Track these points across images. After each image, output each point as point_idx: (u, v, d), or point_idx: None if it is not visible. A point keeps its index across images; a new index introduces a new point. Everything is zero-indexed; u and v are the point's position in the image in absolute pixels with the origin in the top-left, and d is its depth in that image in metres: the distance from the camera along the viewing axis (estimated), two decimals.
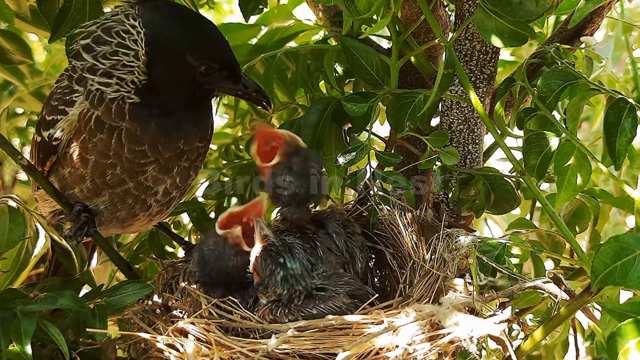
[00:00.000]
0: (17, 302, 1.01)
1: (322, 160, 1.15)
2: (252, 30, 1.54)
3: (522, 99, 1.15)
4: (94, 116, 1.07)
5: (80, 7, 1.19)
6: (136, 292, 1.09)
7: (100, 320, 1.06)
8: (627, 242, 0.85)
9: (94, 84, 1.07)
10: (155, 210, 1.18)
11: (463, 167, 1.22)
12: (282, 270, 1.02)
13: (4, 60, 1.36)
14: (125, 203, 1.14)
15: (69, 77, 1.10)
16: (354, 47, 1.22)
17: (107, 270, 1.62)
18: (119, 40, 1.04)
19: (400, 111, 1.18)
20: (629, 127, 1.00)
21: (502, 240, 1.09)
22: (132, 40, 1.04)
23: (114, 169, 1.09)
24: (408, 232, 1.13)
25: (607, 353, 0.86)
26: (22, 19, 1.34)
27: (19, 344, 0.97)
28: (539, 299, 1.19)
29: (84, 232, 1.14)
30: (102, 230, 1.19)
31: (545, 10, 1.05)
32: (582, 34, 1.20)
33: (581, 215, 1.27)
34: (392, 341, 0.93)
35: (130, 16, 1.05)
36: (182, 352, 0.97)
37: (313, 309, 1.01)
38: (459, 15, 1.18)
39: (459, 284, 1.02)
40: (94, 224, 1.14)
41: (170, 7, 1.08)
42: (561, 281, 0.99)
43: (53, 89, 1.14)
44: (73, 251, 1.27)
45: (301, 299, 1.02)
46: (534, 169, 1.06)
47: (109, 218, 1.17)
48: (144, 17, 1.04)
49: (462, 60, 1.19)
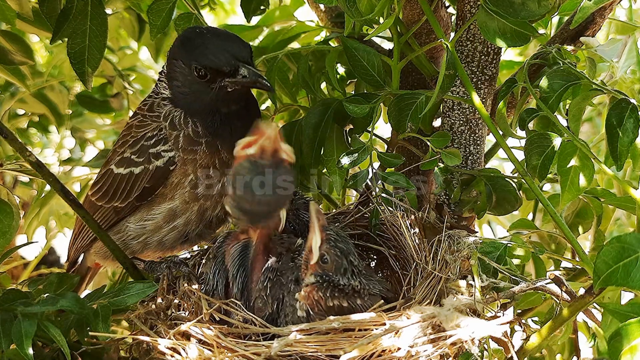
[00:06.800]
0: (18, 303, 1.01)
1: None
2: (254, 32, 1.54)
3: (524, 100, 1.15)
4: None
5: (82, 8, 1.19)
6: (140, 292, 1.08)
7: (103, 321, 1.05)
8: (629, 243, 0.85)
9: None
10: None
11: (465, 168, 1.22)
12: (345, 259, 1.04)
13: (5, 61, 1.36)
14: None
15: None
16: (355, 48, 1.21)
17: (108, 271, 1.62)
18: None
19: (402, 112, 1.18)
20: (631, 128, 1.00)
21: (504, 242, 1.09)
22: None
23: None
24: (410, 233, 1.13)
25: (608, 353, 0.86)
26: (23, 20, 1.34)
27: (20, 345, 0.97)
28: (541, 300, 1.19)
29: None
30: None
31: (548, 10, 1.05)
32: (583, 35, 1.20)
33: (584, 216, 1.27)
34: (394, 343, 0.93)
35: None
36: (185, 356, 0.97)
37: (357, 299, 1.02)
38: (460, 16, 1.18)
39: (462, 286, 1.02)
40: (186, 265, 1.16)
41: (189, 30, 1.16)
42: (562, 282, 0.99)
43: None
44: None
45: (350, 289, 1.03)
46: (535, 169, 1.05)
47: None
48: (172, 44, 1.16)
49: (464, 61, 1.19)
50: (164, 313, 1.08)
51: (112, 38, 1.84)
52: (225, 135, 1.13)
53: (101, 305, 1.06)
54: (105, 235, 1.15)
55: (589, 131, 1.85)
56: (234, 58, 1.09)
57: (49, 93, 1.77)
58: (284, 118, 1.51)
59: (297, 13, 1.56)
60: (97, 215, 1.19)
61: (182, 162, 1.13)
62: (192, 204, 1.15)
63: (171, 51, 1.15)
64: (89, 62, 1.21)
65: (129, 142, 1.16)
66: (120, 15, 1.64)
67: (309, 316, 1.01)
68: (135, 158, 1.15)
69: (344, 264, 1.03)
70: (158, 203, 1.16)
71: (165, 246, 1.19)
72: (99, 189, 1.20)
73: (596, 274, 0.86)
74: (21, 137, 1.81)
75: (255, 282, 1.06)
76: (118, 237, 1.20)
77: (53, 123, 1.82)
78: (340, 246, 1.04)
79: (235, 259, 1.08)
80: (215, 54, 1.09)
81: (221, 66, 1.09)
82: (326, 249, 1.03)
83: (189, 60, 1.11)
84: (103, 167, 1.23)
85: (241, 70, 1.09)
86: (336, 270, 1.03)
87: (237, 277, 1.07)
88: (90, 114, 1.96)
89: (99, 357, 1.12)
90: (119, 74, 1.76)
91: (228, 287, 1.08)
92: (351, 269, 1.04)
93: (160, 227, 1.16)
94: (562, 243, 1.33)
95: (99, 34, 1.20)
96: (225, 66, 1.09)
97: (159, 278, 1.13)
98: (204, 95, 1.12)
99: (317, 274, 1.03)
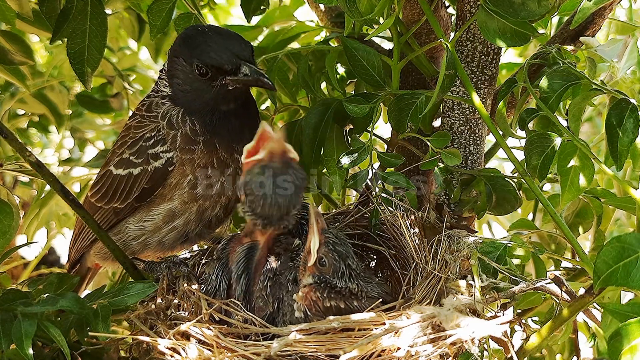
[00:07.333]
0: (18, 303, 1.01)
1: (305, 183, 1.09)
2: (254, 32, 1.54)
3: (524, 100, 1.15)
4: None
5: (82, 8, 1.19)
6: (140, 292, 1.08)
7: (103, 321, 1.05)
8: (629, 243, 0.85)
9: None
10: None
11: (465, 168, 1.22)
12: (343, 263, 1.04)
13: (5, 61, 1.35)
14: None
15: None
16: (355, 48, 1.21)
17: (108, 272, 1.62)
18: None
19: (402, 112, 1.18)
20: (631, 128, 1.00)
21: (504, 242, 1.09)
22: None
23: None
24: (410, 233, 1.13)
25: (608, 353, 0.86)
26: (23, 20, 1.34)
27: (20, 345, 0.97)
28: (541, 300, 1.19)
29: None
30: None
31: (548, 10, 1.05)
32: (583, 35, 1.20)
33: (584, 216, 1.27)
34: (394, 343, 0.93)
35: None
36: (185, 356, 0.97)
37: (354, 300, 1.03)
38: (460, 16, 1.18)
39: (462, 286, 1.02)
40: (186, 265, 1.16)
41: (191, 28, 1.16)
42: (562, 282, 0.99)
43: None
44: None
45: (346, 291, 1.03)
46: (535, 169, 1.05)
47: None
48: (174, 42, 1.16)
49: (464, 61, 1.19)
50: (164, 313, 1.08)
51: (112, 38, 1.84)
52: (222, 134, 1.14)
53: (101, 305, 1.06)
54: (105, 235, 1.15)
55: (589, 131, 1.85)
56: (236, 56, 1.09)
57: (49, 93, 1.77)
58: (284, 118, 1.51)
59: (297, 13, 1.56)
60: (97, 217, 1.19)
61: (181, 162, 1.13)
62: (191, 204, 1.15)
63: (172, 49, 1.15)
64: (89, 62, 1.21)
65: (128, 143, 1.17)
66: (120, 15, 1.64)
67: (306, 317, 1.02)
68: (134, 159, 1.15)
69: (342, 267, 1.04)
70: (157, 204, 1.16)
71: (165, 246, 1.19)
72: (98, 190, 1.20)
73: (596, 274, 0.86)
74: (21, 137, 1.81)
75: (256, 283, 1.07)
76: (118, 237, 1.20)
77: (53, 123, 1.82)
78: (339, 249, 1.04)
79: (240, 261, 1.08)
80: (217, 52, 1.09)
81: (223, 64, 1.09)
82: (324, 252, 1.03)
83: (191, 58, 1.11)
84: (102, 168, 1.23)
85: (243, 68, 1.09)
86: (333, 273, 1.03)
87: (241, 277, 1.07)
88: (90, 114, 1.96)
89: (99, 357, 1.12)
90: (119, 74, 1.75)
91: (230, 288, 1.08)
92: (348, 272, 1.04)
93: (160, 227, 1.16)
94: (562, 243, 1.33)
95: (98, 34, 1.20)
96: (227, 64, 1.09)
97: (158, 278, 1.13)
98: (204, 93, 1.12)
99: (314, 275, 1.03)
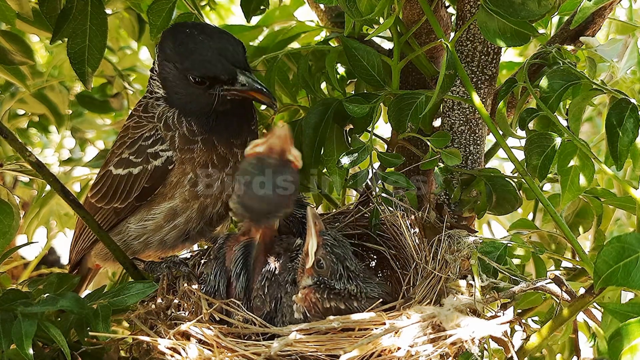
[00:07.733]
0: (18, 303, 1.01)
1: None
2: (254, 32, 1.54)
3: (524, 100, 1.15)
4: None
5: (82, 8, 1.19)
6: (140, 292, 1.08)
7: (103, 321, 1.05)
8: (629, 243, 0.85)
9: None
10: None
11: (465, 168, 1.22)
12: (341, 265, 1.04)
13: (5, 61, 1.35)
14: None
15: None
16: (355, 48, 1.21)
17: (108, 272, 1.62)
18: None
19: (402, 112, 1.18)
20: (631, 128, 1.00)
21: (504, 242, 1.09)
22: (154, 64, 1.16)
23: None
24: (410, 233, 1.13)
25: (608, 353, 0.86)
26: (23, 20, 1.34)
27: (20, 345, 0.97)
28: (541, 300, 1.19)
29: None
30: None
31: (548, 10, 1.05)
32: (583, 35, 1.20)
33: (585, 216, 1.27)
34: (394, 343, 0.93)
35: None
36: (185, 356, 0.97)
37: (354, 301, 1.03)
38: (460, 16, 1.18)
39: (462, 285, 1.02)
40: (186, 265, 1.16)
41: (178, 29, 1.13)
42: (562, 282, 0.99)
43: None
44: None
45: (345, 292, 1.03)
46: (535, 169, 1.05)
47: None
48: (160, 41, 1.13)
49: (464, 61, 1.19)
50: (164, 313, 1.08)
51: (112, 38, 1.84)
52: (221, 131, 1.13)
53: (101, 305, 1.06)
54: (105, 235, 1.15)
55: (589, 131, 1.85)
56: (231, 64, 1.08)
57: (49, 93, 1.77)
58: (284, 118, 1.51)
59: (297, 13, 1.56)
60: (98, 217, 1.19)
61: (180, 161, 1.13)
62: (193, 202, 1.15)
63: (162, 51, 1.13)
64: (89, 62, 1.21)
65: (127, 143, 1.16)
66: (120, 15, 1.64)
67: (306, 318, 1.02)
68: (133, 159, 1.15)
69: (340, 269, 1.03)
70: (158, 203, 1.16)
71: (167, 245, 1.19)
72: (98, 190, 1.20)
73: (596, 274, 0.86)
74: (21, 137, 1.81)
75: (255, 281, 1.06)
76: (119, 237, 1.20)
77: (53, 123, 1.82)
78: (337, 252, 1.04)
79: (238, 259, 1.07)
80: (211, 61, 1.07)
81: (219, 75, 1.08)
82: (322, 254, 1.03)
83: (183, 66, 1.09)
84: (102, 168, 1.23)
85: (240, 78, 1.08)
86: (331, 275, 1.03)
87: (240, 275, 1.07)
88: (90, 114, 1.96)
89: (99, 357, 1.12)
90: (119, 74, 1.76)
91: (229, 287, 1.08)
92: (347, 274, 1.04)
93: (161, 226, 1.16)
94: (562, 243, 1.33)
95: (99, 34, 1.20)
96: (223, 74, 1.08)
97: (159, 278, 1.13)
98: (200, 98, 1.11)
99: (313, 277, 1.03)
